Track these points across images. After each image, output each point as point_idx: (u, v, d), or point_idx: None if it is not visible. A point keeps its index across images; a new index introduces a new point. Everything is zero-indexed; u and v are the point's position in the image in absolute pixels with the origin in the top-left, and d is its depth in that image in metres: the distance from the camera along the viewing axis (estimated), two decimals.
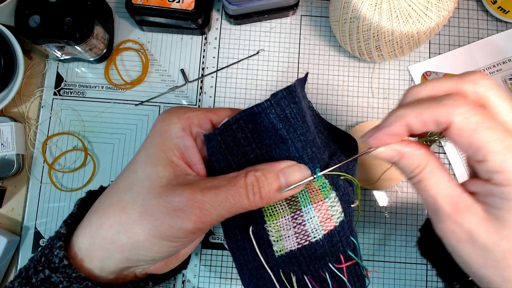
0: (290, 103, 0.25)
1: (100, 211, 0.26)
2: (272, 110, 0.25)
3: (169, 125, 0.26)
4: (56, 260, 0.26)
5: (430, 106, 0.23)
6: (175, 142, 0.26)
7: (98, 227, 0.26)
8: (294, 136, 0.25)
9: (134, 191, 0.25)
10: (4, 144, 0.49)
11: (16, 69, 0.49)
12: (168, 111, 0.27)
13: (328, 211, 0.27)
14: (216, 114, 0.27)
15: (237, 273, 0.30)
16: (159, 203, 0.24)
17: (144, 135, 0.52)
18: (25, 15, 0.46)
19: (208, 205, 0.24)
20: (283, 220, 0.27)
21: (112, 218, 0.25)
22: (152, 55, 0.54)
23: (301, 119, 0.25)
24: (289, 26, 0.55)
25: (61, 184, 0.51)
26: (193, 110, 0.27)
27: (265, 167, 0.26)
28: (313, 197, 0.27)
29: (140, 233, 0.24)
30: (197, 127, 0.27)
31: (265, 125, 0.25)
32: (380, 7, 0.42)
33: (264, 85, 0.54)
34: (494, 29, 0.55)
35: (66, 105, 0.53)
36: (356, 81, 0.54)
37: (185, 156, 0.26)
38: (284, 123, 0.25)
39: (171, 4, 0.49)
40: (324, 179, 0.27)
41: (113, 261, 0.26)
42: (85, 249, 0.26)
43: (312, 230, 0.26)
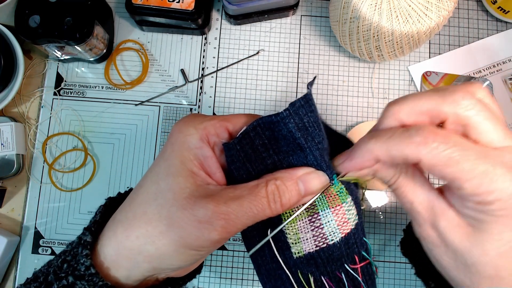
0: (307, 112, 0.25)
1: (125, 223, 0.27)
2: (291, 120, 0.25)
3: (186, 136, 0.27)
4: (82, 268, 0.26)
5: (399, 142, 0.23)
6: (194, 152, 0.26)
7: (124, 239, 0.26)
8: (312, 144, 0.26)
9: (158, 203, 0.26)
10: (4, 144, 0.49)
11: (16, 69, 0.49)
12: (184, 121, 0.28)
13: (345, 215, 0.27)
14: (231, 122, 0.28)
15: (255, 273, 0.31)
16: (184, 215, 0.25)
17: (144, 135, 0.52)
18: (25, 15, 0.46)
19: (233, 216, 0.25)
20: (301, 223, 0.27)
21: (138, 230, 0.26)
22: (152, 55, 0.54)
23: (318, 128, 0.26)
24: (289, 26, 0.55)
25: (61, 184, 0.51)
26: (209, 119, 0.28)
27: (284, 175, 0.26)
28: (330, 202, 0.27)
29: (167, 244, 0.25)
30: (214, 136, 0.27)
31: (283, 133, 0.26)
32: (380, 7, 0.42)
33: (264, 85, 0.54)
34: (494, 29, 0.55)
35: (66, 105, 0.53)
36: (356, 81, 0.54)
37: (204, 166, 0.27)
38: (302, 132, 0.25)
39: (171, 4, 0.49)
40: (341, 185, 0.27)
41: (140, 270, 0.27)
42: (111, 259, 0.27)
43: (330, 233, 0.27)
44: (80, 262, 0.26)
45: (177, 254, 0.25)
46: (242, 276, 0.50)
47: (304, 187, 0.26)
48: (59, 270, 0.27)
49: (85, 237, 0.27)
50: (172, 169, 0.26)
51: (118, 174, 0.52)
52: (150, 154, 0.52)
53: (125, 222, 0.27)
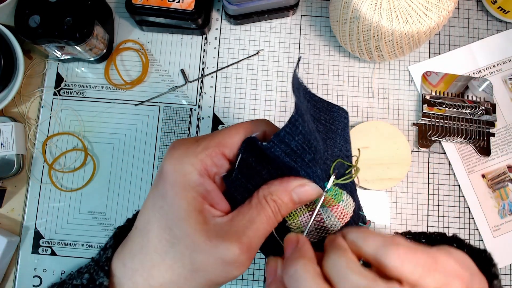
0: (294, 136, 0.25)
1: (144, 273, 0.26)
2: (277, 149, 0.25)
3: (185, 176, 0.26)
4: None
5: None
6: (197, 190, 0.26)
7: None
8: (303, 164, 0.26)
9: (176, 250, 0.25)
10: (4, 144, 0.49)
11: (16, 69, 0.49)
12: (176, 157, 0.26)
13: (344, 210, 0.29)
14: (227, 146, 0.27)
15: None
16: (209, 260, 0.25)
17: (144, 135, 0.52)
18: (25, 15, 0.46)
19: (254, 244, 0.25)
20: (302, 218, 0.29)
21: (160, 279, 0.26)
22: (152, 55, 0.54)
23: (307, 146, 0.26)
24: (289, 26, 0.55)
25: (61, 184, 0.51)
26: (203, 149, 0.26)
27: (278, 188, 0.27)
28: (328, 204, 0.29)
29: (194, 287, 0.25)
30: (213, 167, 0.26)
31: (272, 157, 0.26)
32: (380, 7, 0.42)
33: (264, 85, 0.54)
34: (494, 29, 0.55)
35: (66, 105, 0.53)
36: (356, 81, 0.54)
37: (208, 199, 0.26)
38: (291, 157, 0.26)
39: (171, 4, 0.49)
40: (335, 189, 0.28)
41: None
42: None
43: (331, 226, 0.29)
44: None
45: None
46: (242, 276, 0.49)
47: (298, 198, 0.27)
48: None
49: (100, 278, 0.27)
50: (181, 213, 0.25)
51: (118, 174, 0.52)
52: (150, 154, 0.52)
53: (144, 272, 0.26)
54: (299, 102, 0.25)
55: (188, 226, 0.25)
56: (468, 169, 0.51)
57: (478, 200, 0.51)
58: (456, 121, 0.51)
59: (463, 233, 0.50)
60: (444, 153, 0.52)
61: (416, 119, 0.53)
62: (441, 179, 0.51)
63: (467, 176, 0.51)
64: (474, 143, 0.51)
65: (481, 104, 0.52)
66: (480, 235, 0.50)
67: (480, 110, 0.52)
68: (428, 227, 0.50)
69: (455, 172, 0.51)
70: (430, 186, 0.51)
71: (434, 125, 0.52)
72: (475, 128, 0.51)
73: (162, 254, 0.26)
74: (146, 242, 0.26)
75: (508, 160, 0.51)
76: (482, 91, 0.52)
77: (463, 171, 0.51)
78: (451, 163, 0.52)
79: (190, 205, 0.25)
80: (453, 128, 0.51)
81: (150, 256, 0.26)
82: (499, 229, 0.50)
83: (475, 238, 0.50)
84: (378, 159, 0.50)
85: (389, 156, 0.50)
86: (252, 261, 0.26)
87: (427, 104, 0.52)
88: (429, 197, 0.51)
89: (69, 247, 0.50)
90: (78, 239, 0.50)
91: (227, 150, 0.26)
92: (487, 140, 0.51)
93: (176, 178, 0.26)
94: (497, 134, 0.52)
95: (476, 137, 0.51)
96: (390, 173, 0.49)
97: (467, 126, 0.51)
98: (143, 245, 0.26)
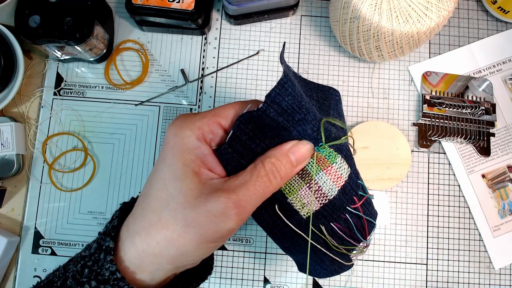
0: (284, 97, 0.28)
1: (142, 232, 0.28)
2: (271, 109, 0.28)
3: (183, 139, 0.28)
4: (107, 273, 0.27)
5: None
6: (194, 153, 0.28)
7: (145, 247, 0.28)
8: (293, 122, 0.29)
9: (170, 208, 0.27)
10: (4, 144, 0.49)
11: (16, 69, 0.49)
12: (177, 124, 0.29)
13: (337, 172, 0.31)
14: (222, 116, 0.29)
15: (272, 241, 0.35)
16: (199, 214, 0.26)
17: (144, 135, 0.52)
18: (25, 15, 0.46)
19: (243, 202, 0.27)
20: (302, 192, 0.31)
21: (157, 237, 0.27)
22: (152, 55, 0.54)
23: (297, 106, 0.28)
24: (289, 26, 0.55)
25: (61, 184, 0.51)
26: (200, 117, 0.29)
27: (275, 152, 0.29)
28: (321, 165, 0.31)
29: (188, 244, 0.27)
30: (209, 134, 0.29)
31: (266, 123, 0.28)
32: (380, 7, 0.42)
33: (264, 85, 0.54)
34: (494, 29, 0.55)
35: (66, 105, 0.53)
36: (356, 81, 0.54)
37: (205, 163, 0.28)
38: (283, 116, 0.28)
39: (171, 4, 0.49)
40: (329, 148, 0.31)
41: (163, 271, 0.28)
42: (135, 264, 0.28)
43: (328, 190, 0.31)
44: (105, 267, 0.27)
45: (198, 250, 0.27)
46: (242, 276, 0.50)
47: (294, 157, 0.29)
48: (79, 275, 0.28)
49: (106, 243, 0.28)
50: (177, 173, 0.27)
51: (118, 174, 0.52)
52: (150, 154, 0.52)
53: (142, 232, 0.28)
54: (287, 69, 0.28)
55: (183, 185, 0.27)
56: (468, 169, 0.51)
57: (478, 200, 0.51)
58: (456, 121, 0.51)
59: (463, 233, 0.50)
60: (444, 153, 0.52)
61: (416, 119, 0.53)
62: (441, 179, 0.51)
63: (467, 176, 0.51)
64: (474, 143, 0.51)
65: (481, 104, 0.52)
66: (480, 235, 0.50)
67: (480, 110, 0.52)
68: (428, 227, 0.51)
69: (455, 172, 0.51)
70: (430, 186, 0.51)
71: (434, 125, 0.52)
72: (475, 128, 0.51)
73: (158, 213, 0.27)
74: (147, 204, 0.28)
75: (508, 160, 0.51)
76: (482, 91, 0.52)
77: (463, 171, 0.51)
78: (451, 163, 0.52)
79: (186, 165, 0.27)
80: (453, 128, 0.51)
81: (148, 216, 0.28)
82: (499, 229, 0.50)
83: (475, 238, 0.50)
84: (378, 159, 0.50)
85: (389, 156, 0.50)
86: (244, 221, 0.28)
87: (427, 104, 0.52)
88: (429, 197, 0.51)
89: (69, 247, 0.50)
90: (78, 239, 0.50)
91: (222, 120, 0.29)
92: (487, 140, 0.51)
93: (175, 141, 0.28)
94: (497, 134, 0.52)
95: (476, 137, 0.51)
96: (390, 173, 0.49)
97: (467, 126, 0.51)
98: (144, 207, 0.28)
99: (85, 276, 0.28)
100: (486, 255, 0.50)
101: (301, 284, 0.49)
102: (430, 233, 0.50)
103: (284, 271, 0.49)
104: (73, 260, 0.31)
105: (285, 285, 0.49)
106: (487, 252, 0.50)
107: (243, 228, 0.50)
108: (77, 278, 0.28)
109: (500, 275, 0.50)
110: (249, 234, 0.50)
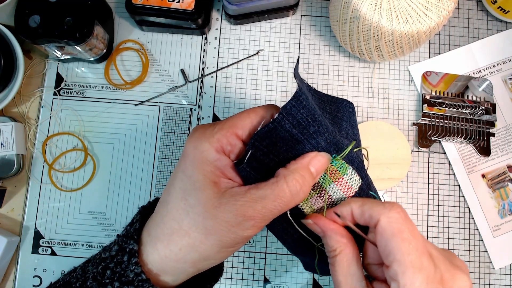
0: (299, 109, 0.28)
1: (164, 239, 0.29)
2: (286, 121, 0.28)
3: (203, 152, 0.29)
4: (131, 274, 0.28)
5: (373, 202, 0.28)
6: (214, 165, 0.29)
7: (168, 253, 0.29)
8: (308, 135, 0.29)
9: (191, 217, 0.28)
10: (4, 144, 0.49)
11: (16, 69, 0.49)
12: (196, 137, 0.30)
13: (347, 183, 0.32)
14: (239, 127, 0.30)
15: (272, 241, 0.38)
16: (218, 223, 0.27)
17: (144, 135, 0.52)
18: (25, 15, 0.46)
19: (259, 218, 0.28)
20: (313, 200, 0.32)
21: (179, 243, 0.28)
22: (152, 55, 0.54)
23: (311, 119, 0.29)
24: (289, 26, 0.55)
25: (61, 184, 0.51)
26: (218, 129, 0.30)
27: (297, 167, 0.29)
28: (333, 177, 0.32)
29: (209, 249, 0.28)
30: (228, 146, 0.30)
31: (281, 136, 0.29)
32: (380, 7, 0.43)
33: (264, 85, 0.54)
34: (494, 29, 0.55)
35: (66, 105, 0.53)
36: (356, 81, 0.54)
37: (224, 173, 0.29)
38: (298, 129, 0.29)
39: (171, 4, 0.49)
40: (341, 161, 0.31)
41: (186, 274, 0.30)
42: (157, 268, 0.29)
43: (338, 199, 0.32)
44: (130, 269, 0.29)
45: (219, 254, 0.29)
46: (242, 276, 0.50)
47: (315, 170, 0.30)
48: (100, 276, 0.29)
49: (130, 245, 0.30)
50: (197, 184, 0.28)
51: (118, 174, 0.52)
52: (150, 154, 0.52)
53: (164, 238, 0.29)
54: (301, 83, 0.28)
55: (202, 196, 0.28)
56: (468, 169, 0.51)
57: (478, 200, 0.51)
58: (456, 121, 0.51)
59: (463, 233, 0.50)
60: (444, 153, 0.52)
61: (416, 119, 0.53)
62: (441, 179, 0.51)
63: (467, 176, 0.51)
64: (474, 143, 0.51)
65: (481, 104, 0.52)
66: (480, 235, 0.50)
67: (480, 110, 0.52)
68: (428, 227, 0.51)
69: (455, 172, 0.51)
70: (430, 186, 0.51)
71: (434, 125, 0.52)
72: (475, 128, 0.51)
73: (179, 222, 0.28)
74: (166, 212, 0.29)
75: (508, 160, 0.51)
76: (482, 91, 0.52)
77: (463, 171, 0.51)
78: (451, 163, 0.52)
79: (206, 177, 0.28)
80: (453, 128, 0.51)
81: (169, 224, 0.29)
82: (499, 229, 0.50)
83: (475, 238, 0.50)
84: (378, 159, 0.50)
85: (389, 156, 0.50)
86: (261, 228, 0.28)
87: (427, 104, 0.52)
88: (429, 197, 0.51)
89: (69, 247, 0.50)
90: (78, 239, 0.50)
91: (239, 131, 0.30)
92: (487, 140, 0.51)
93: (195, 154, 0.29)
94: (497, 134, 0.52)
95: (476, 137, 0.51)
96: (390, 173, 0.49)
97: (467, 126, 0.51)
98: (164, 215, 0.30)
99: (107, 278, 0.29)
100: (486, 255, 0.50)
101: (301, 284, 0.49)
102: (430, 233, 0.50)
103: (284, 271, 0.49)
104: (91, 262, 0.32)
105: (285, 285, 0.49)
106: (487, 252, 0.50)
107: None
108: (98, 280, 0.29)
109: (500, 275, 0.50)
110: None
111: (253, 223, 0.27)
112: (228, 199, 0.28)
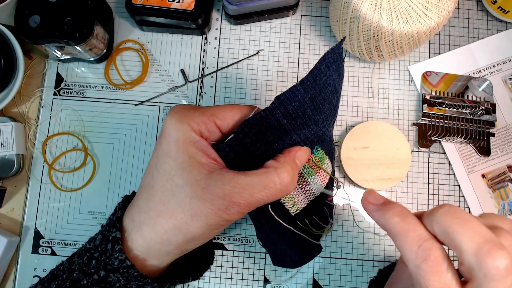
0: (291, 102, 0.30)
1: (150, 222, 0.29)
2: (277, 111, 0.30)
3: (185, 133, 0.29)
4: (116, 262, 0.28)
5: None
6: (197, 145, 0.29)
7: (154, 236, 0.29)
8: (295, 126, 0.31)
9: (177, 198, 0.28)
10: (4, 144, 0.49)
11: (16, 69, 0.49)
12: (177, 118, 0.30)
13: (324, 173, 0.34)
14: (220, 117, 0.30)
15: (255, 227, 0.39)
16: (205, 206, 0.27)
17: (144, 135, 0.52)
18: (25, 15, 0.46)
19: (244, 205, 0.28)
20: (294, 192, 0.33)
21: (165, 226, 0.28)
22: (152, 55, 0.54)
23: (301, 112, 0.30)
24: (289, 26, 0.55)
25: (61, 184, 0.51)
26: (200, 114, 0.30)
27: (285, 159, 0.30)
28: (315, 168, 0.33)
29: (194, 231, 0.28)
30: (206, 131, 0.30)
31: (271, 124, 0.30)
32: (380, 7, 0.43)
33: (264, 85, 0.54)
34: (494, 29, 0.55)
35: (66, 105, 0.53)
36: (356, 81, 0.54)
37: (208, 154, 0.30)
38: (287, 119, 0.30)
39: (171, 4, 0.49)
40: (322, 151, 0.33)
41: (171, 256, 0.30)
42: (143, 252, 0.29)
43: (317, 189, 0.34)
44: (114, 256, 0.28)
45: (204, 235, 0.29)
46: (242, 276, 0.50)
47: (299, 162, 0.30)
48: (86, 267, 0.29)
49: (113, 233, 0.29)
50: (184, 165, 0.28)
51: (118, 174, 0.52)
52: (150, 154, 0.52)
53: (149, 221, 0.29)
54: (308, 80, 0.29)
55: (190, 176, 0.28)
56: (468, 169, 0.51)
57: (478, 200, 0.51)
58: (456, 121, 0.51)
59: None
60: (444, 153, 0.52)
61: (416, 119, 0.53)
62: (441, 179, 0.51)
63: (467, 176, 0.51)
64: (474, 143, 0.51)
65: (481, 104, 0.52)
66: None
67: (480, 110, 0.52)
68: None
69: (455, 172, 0.51)
70: (430, 186, 0.51)
71: (434, 125, 0.52)
72: (475, 128, 0.51)
73: (165, 203, 0.28)
74: (151, 195, 0.29)
75: (508, 160, 0.51)
76: (482, 91, 0.52)
77: (463, 171, 0.51)
78: (451, 163, 0.52)
79: (191, 157, 0.29)
80: (453, 128, 0.51)
81: (154, 206, 0.29)
82: None
83: None
84: (378, 159, 0.50)
85: (389, 156, 0.50)
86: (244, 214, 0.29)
87: (427, 104, 0.52)
88: (429, 197, 0.51)
89: (69, 247, 0.50)
90: (78, 239, 0.50)
91: (219, 121, 0.30)
92: (487, 140, 0.51)
93: (178, 136, 0.29)
94: (497, 134, 0.52)
95: (476, 137, 0.51)
96: (390, 173, 0.49)
97: (467, 126, 0.51)
98: (148, 199, 0.29)
99: (92, 267, 0.29)
100: None
101: (301, 284, 0.49)
102: None
103: (284, 271, 0.49)
104: (77, 254, 0.31)
105: (285, 285, 0.49)
106: None
107: (243, 228, 0.50)
108: (84, 270, 0.29)
109: None
110: (249, 234, 0.50)
111: (238, 210, 0.28)
112: (216, 182, 0.28)
